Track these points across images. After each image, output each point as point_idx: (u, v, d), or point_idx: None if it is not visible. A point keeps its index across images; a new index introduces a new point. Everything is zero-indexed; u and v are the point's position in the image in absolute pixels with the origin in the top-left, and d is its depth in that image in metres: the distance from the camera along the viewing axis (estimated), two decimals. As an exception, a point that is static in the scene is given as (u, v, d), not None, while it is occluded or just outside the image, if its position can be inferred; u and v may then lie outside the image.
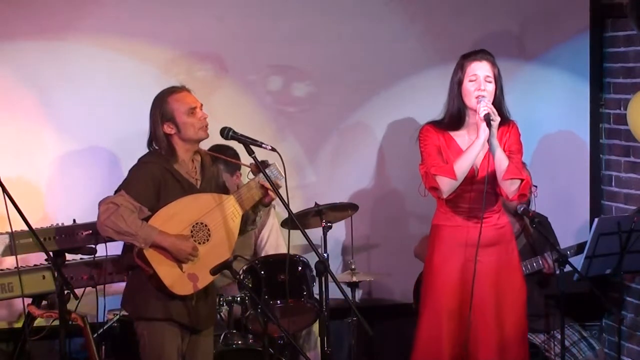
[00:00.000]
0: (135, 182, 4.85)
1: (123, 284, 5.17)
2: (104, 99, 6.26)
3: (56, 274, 4.82)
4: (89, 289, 5.45)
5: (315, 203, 5.84)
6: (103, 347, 5.69)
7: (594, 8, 6.85)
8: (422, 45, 6.65)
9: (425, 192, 5.29)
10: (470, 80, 5.17)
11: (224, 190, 5.12)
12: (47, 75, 6.20)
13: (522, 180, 5.17)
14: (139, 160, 4.97)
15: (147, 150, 5.02)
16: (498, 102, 5.19)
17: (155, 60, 6.32)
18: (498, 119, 5.08)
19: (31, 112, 6.18)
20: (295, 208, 5.29)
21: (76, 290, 4.84)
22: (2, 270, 5.53)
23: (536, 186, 6.11)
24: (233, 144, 5.06)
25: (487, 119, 5.04)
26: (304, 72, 6.54)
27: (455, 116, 5.23)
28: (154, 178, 4.86)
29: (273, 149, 4.86)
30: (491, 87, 5.18)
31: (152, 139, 4.97)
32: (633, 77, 6.63)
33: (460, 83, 5.20)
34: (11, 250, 5.32)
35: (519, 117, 6.74)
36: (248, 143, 4.89)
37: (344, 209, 5.98)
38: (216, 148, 5.48)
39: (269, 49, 6.48)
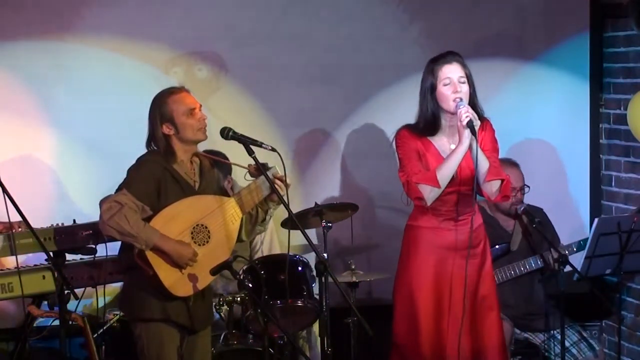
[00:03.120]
0: (136, 180, 4.84)
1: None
2: (104, 99, 6.27)
3: (56, 274, 4.82)
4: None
5: (315, 203, 5.84)
6: (103, 347, 5.69)
7: (594, 8, 6.85)
8: (422, 45, 6.64)
9: (408, 201, 5.24)
10: (445, 85, 5.08)
11: (224, 194, 5.10)
12: (47, 76, 6.20)
13: (502, 180, 5.12)
14: (139, 159, 4.96)
15: (146, 150, 5.02)
16: (472, 102, 5.10)
17: (155, 60, 6.33)
18: (479, 123, 5.00)
19: (31, 112, 6.19)
20: (295, 208, 5.29)
21: (76, 290, 4.84)
22: (2, 270, 5.53)
23: (528, 187, 6.10)
24: (230, 144, 5.05)
25: (471, 126, 4.95)
26: (304, 72, 6.55)
27: (430, 122, 5.14)
28: (155, 177, 4.85)
29: (273, 149, 4.85)
30: (466, 87, 5.09)
31: (151, 139, 4.97)
32: (633, 77, 6.63)
33: (433, 88, 5.11)
34: (11, 250, 5.31)
35: (519, 117, 6.79)
36: (248, 143, 4.88)
37: (344, 209, 5.97)
38: (208, 153, 5.46)
39: (269, 50, 6.48)
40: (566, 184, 6.90)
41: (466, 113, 4.97)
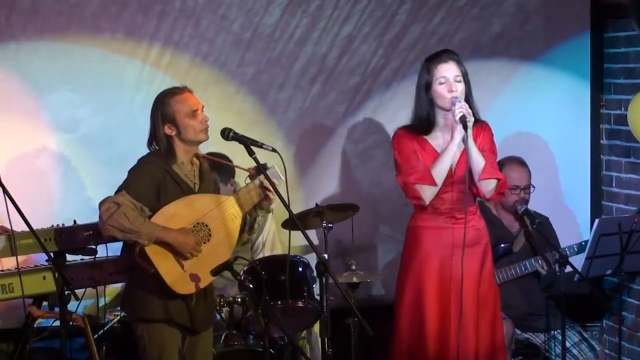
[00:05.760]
0: (135, 182, 4.84)
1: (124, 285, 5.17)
2: (104, 99, 6.27)
3: (57, 275, 4.81)
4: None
5: (316, 204, 5.84)
6: (103, 347, 5.69)
7: (595, 8, 6.85)
8: (423, 45, 6.65)
9: (407, 202, 5.24)
10: (440, 84, 5.09)
11: None
12: (48, 76, 6.20)
13: (498, 179, 5.14)
14: (139, 160, 4.96)
15: (147, 151, 5.02)
16: (467, 101, 5.11)
17: (155, 60, 6.33)
18: (472, 119, 5.02)
19: (31, 113, 6.19)
20: (295, 209, 5.28)
21: (77, 291, 4.83)
22: (2, 270, 5.53)
23: (534, 186, 6.10)
24: (233, 146, 5.04)
25: (464, 121, 4.97)
26: (304, 72, 6.55)
27: (425, 120, 5.16)
28: (154, 179, 4.85)
29: (274, 150, 4.84)
30: (461, 86, 5.10)
31: (152, 139, 4.96)
32: (634, 77, 6.63)
33: (428, 86, 5.13)
34: (11, 250, 5.31)
35: (519, 117, 6.79)
36: (249, 144, 4.87)
37: (345, 210, 5.97)
38: (209, 155, 5.45)
39: (269, 50, 6.48)
40: (567, 185, 6.89)
41: (459, 108, 4.99)
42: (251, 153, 4.86)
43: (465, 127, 4.98)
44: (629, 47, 6.68)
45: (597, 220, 5.74)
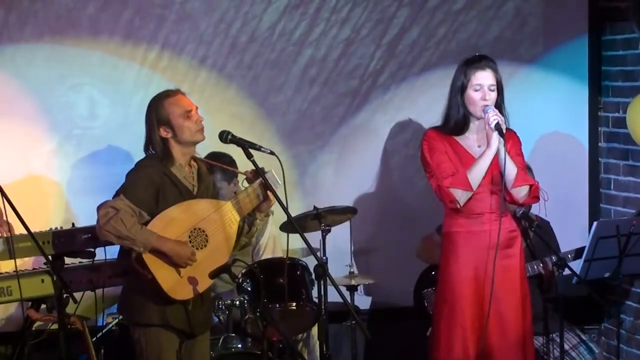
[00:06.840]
0: (134, 186, 4.84)
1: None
2: (103, 102, 6.27)
3: (55, 278, 4.81)
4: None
5: (314, 206, 5.84)
6: (102, 350, 5.69)
7: (593, 11, 6.85)
8: (422, 47, 6.65)
9: (441, 205, 5.25)
10: (475, 90, 5.12)
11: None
12: (46, 79, 6.20)
13: (531, 185, 5.18)
14: (137, 164, 4.96)
15: (144, 154, 5.02)
16: (499, 108, 5.15)
17: (154, 63, 6.33)
18: (505, 126, 5.06)
19: (29, 115, 6.18)
20: (294, 212, 5.28)
21: (75, 294, 4.83)
22: (0, 273, 5.53)
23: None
24: (231, 148, 5.05)
25: (499, 129, 5.01)
26: (302, 74, 6.54)
27: (461, 122, 5.18)
28: (153, 182, 4.85)
29: (272, 153, 4.84)
30: (494, 95, 5.14)
31: (149, 142, 4.97)
32: (632, 80, 6.63)
33: (463, 89, 5.15)
34: (10, 253, 5.31)
35: (518, 120, 6.74)
36: (247, 147, 4.87)
37: (343, 213, 5.97)
38: (212, 155, 5.46)
39: (269, 51, 6.48)
40: (565, 188, 6.88)
41: (494, 116, 5.03)
42: (249, 156, 4.85)
43: (501, 134, 5.01)
44: (627, 50, 6.68)
45: (595, 223, 5.73)
